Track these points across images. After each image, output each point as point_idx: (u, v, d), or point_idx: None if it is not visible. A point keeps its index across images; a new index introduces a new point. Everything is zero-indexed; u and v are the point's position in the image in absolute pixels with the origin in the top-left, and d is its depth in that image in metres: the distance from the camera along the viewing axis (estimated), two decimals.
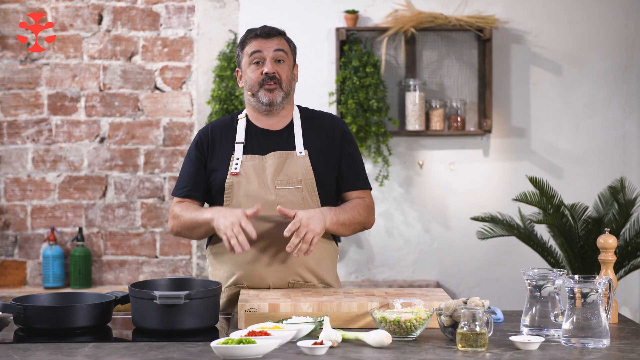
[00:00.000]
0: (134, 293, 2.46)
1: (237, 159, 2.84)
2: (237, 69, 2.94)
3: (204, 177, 2.90)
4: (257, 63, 2.85)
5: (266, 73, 2.83)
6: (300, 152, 2.85)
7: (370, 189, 2.97)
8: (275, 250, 2.80)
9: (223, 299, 2.86)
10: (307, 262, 2.83)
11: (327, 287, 2.89)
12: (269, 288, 2.82)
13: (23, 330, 2.46)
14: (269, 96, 2.83)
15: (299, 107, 2.97)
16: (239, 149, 2.86)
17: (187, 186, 2.90)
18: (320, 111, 3.00)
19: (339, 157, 2.90)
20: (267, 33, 2.86)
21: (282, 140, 2.87)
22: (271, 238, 2.80)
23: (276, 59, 2.85)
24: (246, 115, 2.93)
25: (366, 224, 2.91)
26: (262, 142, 2.87)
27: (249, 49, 2.86)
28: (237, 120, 2.92)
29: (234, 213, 2.69)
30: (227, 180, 2.82)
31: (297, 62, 2.98)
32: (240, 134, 2.88)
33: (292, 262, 2.81)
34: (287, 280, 2.83)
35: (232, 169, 2.83)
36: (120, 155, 4.94)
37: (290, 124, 2.91)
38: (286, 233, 2.68)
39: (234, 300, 2.84)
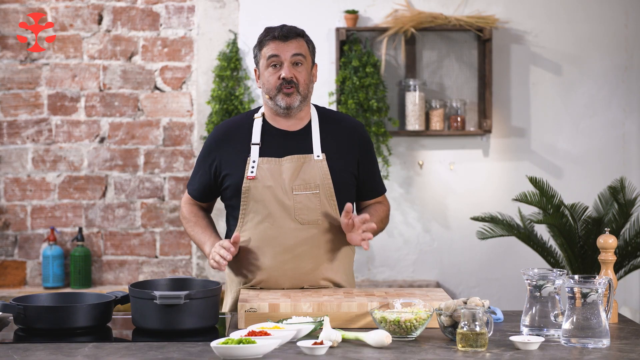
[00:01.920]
0: (134, 293, 2.46)
1: (254, 161, 2.80)
2: (255, 68, 2.90)
3: (209, 181, 2.90)
4: (274, 66, 2.81)
5: (284, 78, 2.79)
6: (318, 156, 2.81)
7: (386, 191, 3.03)
8: (292, 256, 2.78)
9: (232, 299, 2.86)
10: (324, 269, 2.81)
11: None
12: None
13: (23, 330, 2.46)
14: (287, 100, 2.80)
15: (316, 107, 2.93)
16: (255, 150, 2.82)
17: (196, 188, 2.95)
18: (339, 112, 2.98)
19: (358, 164, 2.87)
20: (285, 35, 2.80)
21: (299, 142, 2.83)
22: (287, 244, 2.78)
23: (294, 62, 2.81)
24: (262, 115, 2.90)
25: (384, 227, 3.02)
26: (278, 143, 2.83)
27: (266, 51, 2.81)
28: (254, 120, 2.88)
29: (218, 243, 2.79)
30: (243, 185, 2.79)
31: None
32: (256, 135, 2.84)
33: (308, 269, 2.79)
34: (302, 286, 2.81)
35: (249, 172, 2.79)
36: (120, 155, 4.94)
37: (308, 126, 2.86)
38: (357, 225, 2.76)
39: None
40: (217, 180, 2.88)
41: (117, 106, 4.94)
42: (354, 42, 4.88)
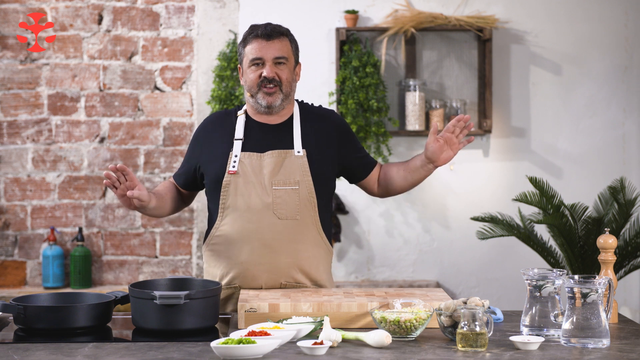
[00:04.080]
0: (134, 293, 2.46)
1: (236, 156, 2.84)
2: (239, 65, 2.93)
3: (189, 173, 2.95)
4: (257, 64, 2.84)
5: (265, 77, 2.82)
6: (299, 152, 2.84)
7: (377, 162, 3.06)
8: (269, 251, 2.80)
9: None
10: (301, 264, 2.83)
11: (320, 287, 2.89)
12: (261, 288, 2.82)
13: (23, 330, 2.47)
14: (268, 99, 2.84)
15: (298, 102, 2.96)
16: (237, 146, 2.85)
17: (179, 173, 3.00)
18: (319, 107, 3.00)
19: (338, 151, 2.91)
20: (269, 35, 2.83)
21: (280, 136, 2.87)
22: (265, 239, 2.80)
23: (276, 62, 2.85)
24: (245, 112, 2.93)
25: None
26: (260, 137, 2.86)
27: (249, 50, 2.85)
28: (237, 117, 2.92)
29: None
30: (224, 179, 2.82)
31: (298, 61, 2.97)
32: (239, 131, 2.88)
33: (285, 264, 2.82)
34: (280, 282, 2.83)
35: (230, 166, 2.83)
36: (120, 155, 4.94)
37: (290, 120, 2.90)
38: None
39: (226, 299, 2.85)
40: (196, 173, 2.94)
41: (117, 106, 4.94)
42: (354, 42, 4.88)
